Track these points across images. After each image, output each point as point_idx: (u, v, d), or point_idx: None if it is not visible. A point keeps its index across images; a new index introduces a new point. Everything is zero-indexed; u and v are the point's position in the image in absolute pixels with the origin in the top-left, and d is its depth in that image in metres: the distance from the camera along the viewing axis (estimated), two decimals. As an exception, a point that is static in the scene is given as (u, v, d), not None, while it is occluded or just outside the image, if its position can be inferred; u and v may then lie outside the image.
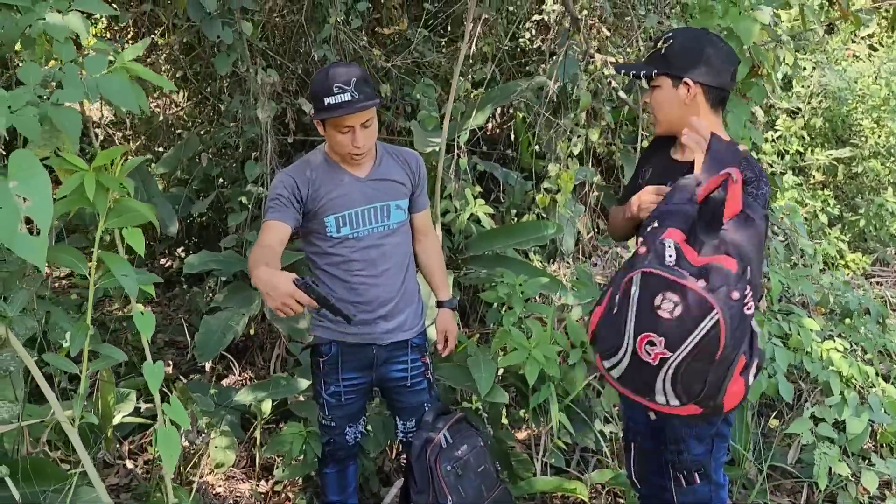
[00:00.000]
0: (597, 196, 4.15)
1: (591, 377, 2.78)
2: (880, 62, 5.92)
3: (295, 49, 4.63)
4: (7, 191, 0.86)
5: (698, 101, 1.89)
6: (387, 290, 2.25)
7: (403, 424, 2.41)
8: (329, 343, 2.28)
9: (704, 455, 1.93)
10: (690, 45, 1.89)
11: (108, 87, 1.09)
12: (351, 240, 2.19)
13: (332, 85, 2.02)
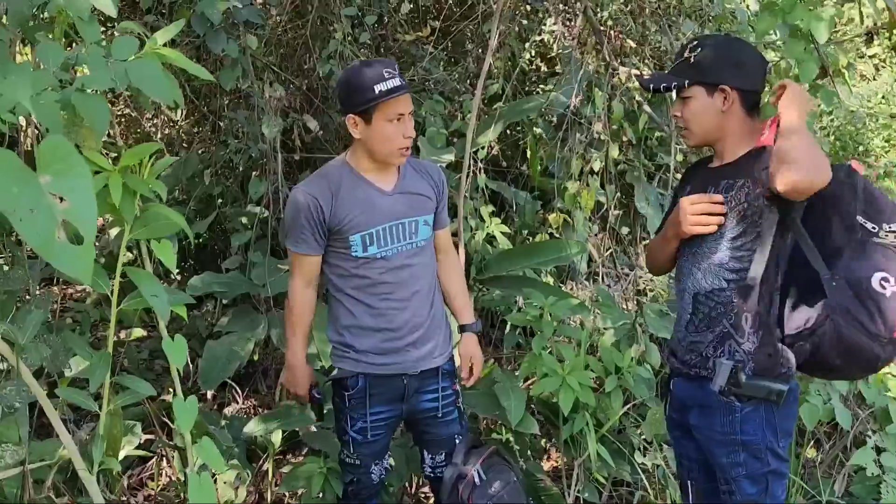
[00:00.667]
0: (616, 215, 4.01)
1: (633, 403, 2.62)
2: (891, 80, 5.87)
3: (299, 65, 4.52)
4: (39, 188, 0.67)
5: (735, 108, 1.79)
6: (417, 315, 2.09)
7: (432, 458, 2.23)
8: (356, 375, 2.09)
9: (758, 496, 1.81)
10: (722, 51, 1.80)
11: (139, 73, 0.92)
12: (380, 260, 2.03)
13: (381, 72, 1.92)
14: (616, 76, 3.21)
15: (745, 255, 1.75)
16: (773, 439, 1.78)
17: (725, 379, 1.74)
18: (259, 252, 3.52)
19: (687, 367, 1.87)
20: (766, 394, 1.72)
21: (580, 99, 3.41)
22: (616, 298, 3.89)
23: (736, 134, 1.82)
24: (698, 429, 1.87)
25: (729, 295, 1.78)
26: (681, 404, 1.93)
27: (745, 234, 1.75)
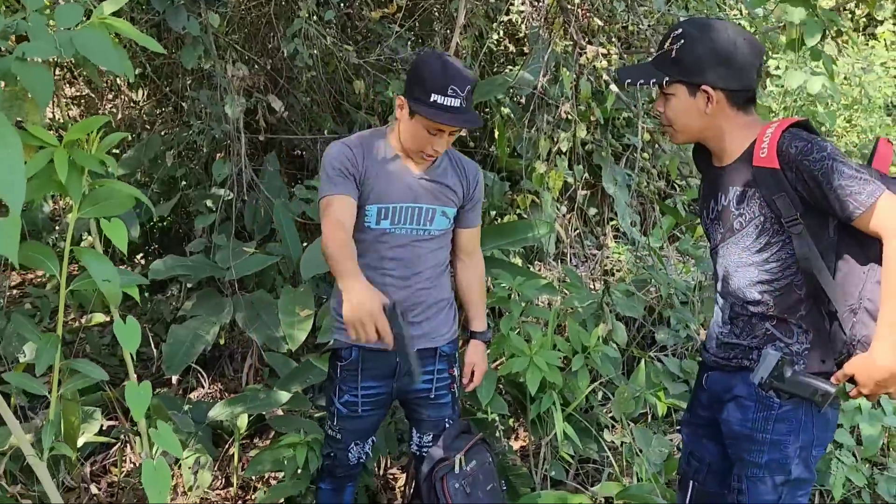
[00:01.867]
0: (584, 196, 4.02)
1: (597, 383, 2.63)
2: (852, 61, 5.95)
3: (263, 44, 4.43)
4: None
5: (722, 108, 1.66)
6: (415, 295, 2.07)
7: (420, 438, 2.23)
8: (350, 347, 2.10)
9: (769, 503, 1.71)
10: (707, 47, 1.63)
11: (86, 42, 0.87)
12: (388, 234, 2.02)
13: (448, 84, 1.82)
14: (584, 55, 3.19)
15: (778, 266, 1.64)
16: (807, 446, 1.68)
17: (769, 371, 1.58)
18: (223, 235, 3.46)
19: (726, 360, 1.78)
20: (812, 393, 1.57)
21: (547, 79, 3.39)
22: (583, 278, 3.91)
23: (728, 133, 1.69)
24: (727, 423, 1.77)
25: (767, 304, 1.68)
26: (713, 399, 1.84)
27: (769, 245, 1.64)
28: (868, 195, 1.48)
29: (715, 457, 1.86)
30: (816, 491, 2.72)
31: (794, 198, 1.56)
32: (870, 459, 2.77)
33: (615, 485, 2.52)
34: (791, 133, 1.59)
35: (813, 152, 1.53)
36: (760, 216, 1.62)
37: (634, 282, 3.56)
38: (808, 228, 1.58)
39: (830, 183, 1.50)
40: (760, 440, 1.69)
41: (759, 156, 1.60)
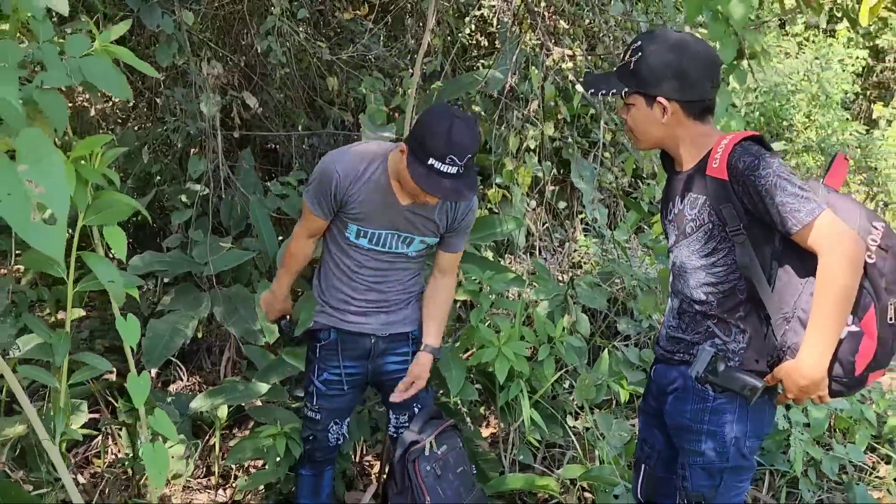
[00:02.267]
0: (552, 191, 4.14)
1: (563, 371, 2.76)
2: (811, 58, 6.14)
3: (236, 41, 4.48)
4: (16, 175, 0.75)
5: (678, 118, 1.73)
6: (387, 297, 2.22)
7: (396, 419, 2.35)
8: (328, 329, 2.23)
9: (708, 490, 1.81)
10: (662, 60, 1.70)
11: (92, 70, 0.97)
12: (364, 249, 2.14)
13: (447, 154, 1.86)
14: (550, 56, 3.31)
15: (721, 271, 1.73)
16: (741, 436, 1.77)
17: (704, 366, 1.71)
18: (200, 230, 3.52)
19: (671, 353, 1.87)
20: (741, 387, 1.69)
21: (517, 77, 3.50)
22: (552, 271, 4.05)
23: (685, 141, 1.77)
24: (669, 414, 1.87)
25: (711, 304, 1.77)
26: (659, 391, 1.93)
27: (716, 251, 1.73)
28: (807, 213, 1.56)
29: (663, 444, 1.96)
30: (767, 471, 2.90)
31: (739, 209, 1.65)
32: (817, 440, 2.95)
33: (579, 467, 2.67)
34: (742, 147, 1.66)
35: (759, 168, 1.60)
36: (709, 223, 1.71)
37: (600, 274, 3.70)
38: (754, 238, 1.66)
39: (773, 199, 1.58)
40: (698, 430, 1.79)
41: (711, 165, 1.68)
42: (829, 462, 2.84)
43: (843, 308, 1.57)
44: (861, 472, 2.97)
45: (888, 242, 1.63)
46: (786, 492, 2.81)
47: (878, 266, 1.61)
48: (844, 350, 1.61)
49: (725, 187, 1.65)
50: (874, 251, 1.62)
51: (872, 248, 1.62)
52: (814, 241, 1.57)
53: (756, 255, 1.67)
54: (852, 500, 2.78)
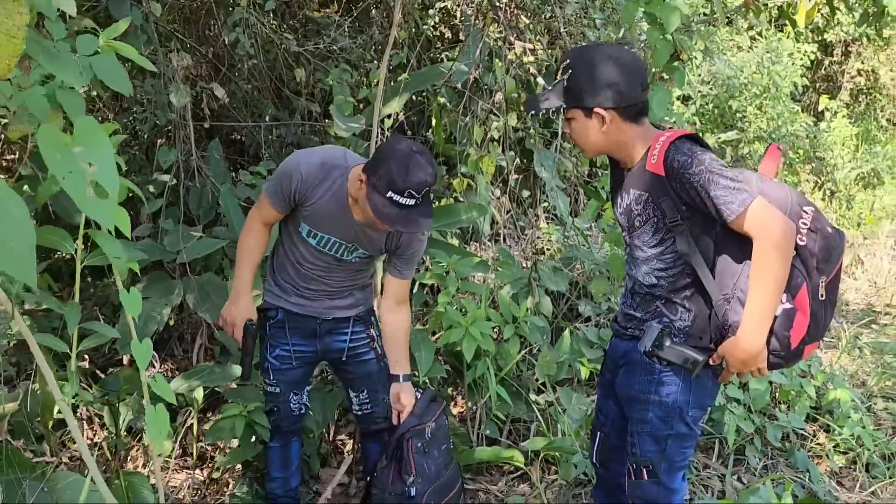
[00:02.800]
0: (516, 179, 4.28)
1: (526, 351, 2.91)
2: (762, 52, 6.38)
3: (204, 32, 4.52)
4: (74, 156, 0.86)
5: (616, 124, 1.83)
6: (330, 286, 2.30)
7: (356, 396, 2.44)
8: (276, 308, 2.33)
9: (655, 455, 1.93)
10: (591, 73, 1.79)
11: (101, 67, 1.06)
12: (313, 248, 2.22)
13: (406, 188, 1.91)
14: (512, 50, 3.44)
15: (669, 258, 1.84)
16: (685, 406, 1.87)
17: (651, 341, 1.81)
18: (171, 220, 3.58)
19: (624, 329, 1.99)
20: (683, 361, 1.81)
21: (480, 70, 3.62)
22: (516, 257, 4.19)
23: (626, 144, 1.86)
24: (620, 385, 1.98)
25: (661, 288, 1.88)
26: (613, 364, 2.05)
27: (663, 242, 1.84)
28: (739, 204, 1.68)
29: (617, 414, 2.10)
30: (717, 440, 3.09)
31: (677, 202, 1.76)
32: (762, 411, 3.15)
33: (542, 440, 2.82)
34: (676, 146, 1.77)
35: (692, 166, 1.72)
36: (654, 217, 1.82)
37: (562, 259, 3.86)
38: (697, 227, 1.77)
39: (708, 193, 1.71)
40: (645, 400, 1.91)
41: (650, 161, 1.80)
42: (773, 430, 3.04)
43: (776, 288, 1.70)
44: (803, 439, 3.19)
45: (817, 225, 1.77)
46: (733, 458, 3.01)
47: (809, 247, 1.76)
48: (780, 326, 1.74)
49: (662, 183, 1.78)
50: (805, 233, 1.76)
51: (803, 230, 1.76)
52: (748, 228, 1.70)
53: (698, 242, 1.80)
54: (794, 465, 2.99)
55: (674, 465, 1.95)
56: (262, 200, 2.21)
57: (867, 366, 3.95)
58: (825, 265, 1.77)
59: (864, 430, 3.07)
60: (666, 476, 1.94)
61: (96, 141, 0.88)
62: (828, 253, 1.77)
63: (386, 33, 5.05)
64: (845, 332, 4.40)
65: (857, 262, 5.82)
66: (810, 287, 1.75)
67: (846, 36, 8.43)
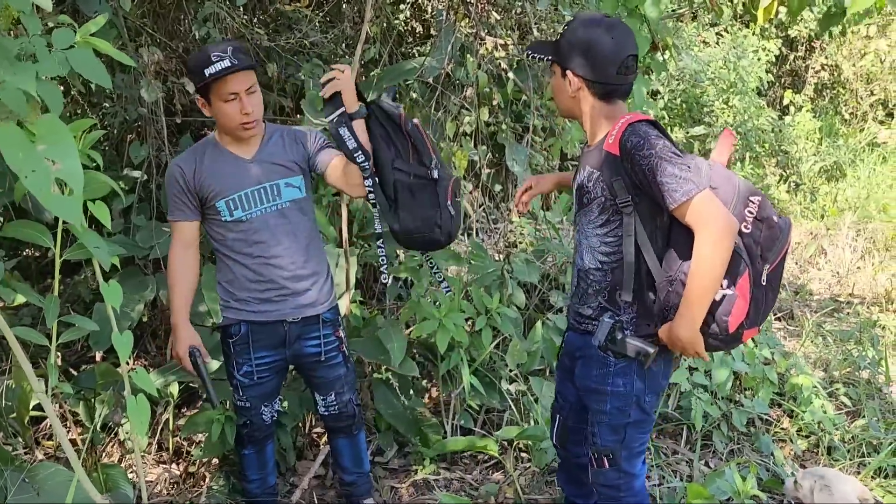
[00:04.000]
0: (488, 174, 4.33)
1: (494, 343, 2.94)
2: (728, 48, 6.50)
3: (174, 27, 4.49)
4: (37, 154, 0.88)
5: (584, 94, 1.89)
6: (287, 268, 2.25)
7: (323, 399, 2.45)
8: (238, 323, 2.28)
9: (614, 444, 1.99)
10: (579, 36, 1.86)
11: (78, 61, 1.08)
12: (244, 222, 2.20)
13: (209, 55, 2.06)
14: (483, 45, 3.48)
15: (613, 241, 1.89)
16: (641, 394, 1.94)
17: (604, 336, 1.89)
18: (142, 216, 3.58)
19: (578, 323, 2.05)
20: (635, 353, 1.87)
21: (452, 64, 3.66)
22: (489, 250, 4.24)
23: (590, 118, 1.92)
24: (578, 377, 2.05)
25: (603, 274, 1.93)
26: (570, 354, 2.12)
27: (608, 222, 1.88)
28: (683, 193, 1.72)
29: (574, 398, 2.16)
30: (685, 426, 3.17)
31: (628, 183, 1.82)
32: (728, 397, 3.25)
33: (515, 428, 2.87)
34: (632, 128, 1.82)
35: (644, 149, 1.77)
36: (602, 196, 1.87)
37: (534, 252, 3.92)
38: (646, 209, 1.84)
39: (655, 177, 1.76)
40: (603, 391, 1.97)
41: (608, 141, 1.85)
42: (738, 416, 3.13)
43: (711, 279, 1.75)
44: (768, 424, 3.28)
45: (763, 214, 1.82)
46: (701, 443, 3.09)
47: (754, 235, 1.81)
48: (720, 311, 1.79)
49: (616, 162, 1.83)
50: (751, 222, 1.81)
51: (749, 219, 1.81)
52: (689, 219, 1.75)
53: (646, 225, 1.85)
54: (759, 449, 3.08)
55: (633, 452, 2.02)
56: (173, 230, 2.25)
57: (829, 353, 4.07)
58: (769, 254, 1.83)
59: (826, 414, 3.17)
60: (626, 463, 2.01)
61: (60, 138, 0.90)
62: (772, 242, 1.83)
63: (357, 28, 5.06)
64: (808, 320, 4.52)
65: (821, 252, 5.97)
66: (752, 274, 1.81)
67: (809, 32, 8.61)
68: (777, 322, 4.62)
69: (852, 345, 4.17)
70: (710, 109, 6.50)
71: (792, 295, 5.18)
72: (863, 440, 3.14)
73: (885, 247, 5.82)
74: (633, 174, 1.81)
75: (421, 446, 2.89)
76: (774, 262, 1.84)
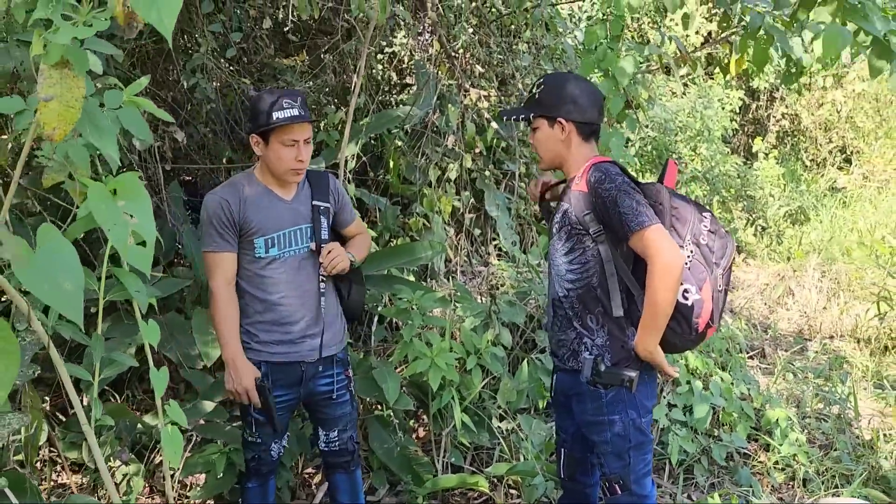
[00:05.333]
0: (471, 219, 4.47)
1: (491, 378, 3.04)
2: (695, 98, 6.81)
3: (163, 77, 4.62)
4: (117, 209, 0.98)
5: (572, 137, 2.12)
6: (309, 311, 2.37)
7: (326, 435, 2.52)
8: (258, 364, 2.35)
9: (622, 469, 2.13)
10: (560, 90, 2.13)
11: (127, 119, 1.19)
12: (277, 261, 2.31)
13: (281, 101, 2.17)
14: (467, 96, 3.66)
15: (579, 268, 2.08)
16: (636, 417, 2.09)
17: (590, 371, 2.06)
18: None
19: (563, 363, 2.19)
20: (620, 381, 2.04)
21: (437, 115, 3.82)
22: (472, 293, 4.35)
23: (574, 158, 2.13)
24: (576, 413, 2.20)
25: (572, 300, 2.11)
26: (564, 393, 2.26)
27: (573, 250, 2.09)
28: (636, 224, 1.93)
29: (575, 429, 2.30)
30: (666, 460, 3.28)
31: (599, 215, 2.02)
32: (707, 433, 3.37)
33: (505, 465, 2.95)
34: (597, 166, 2.06)
35: (605, 183, 1.99)
36: (569, 226, 2.08)
37: (517, 294, 4.04)
38: (610, 239, 2.03)
39: (615, 208, 1.97)
40: (601, 422, 2.12)
41: (575, 182, 2.09)
42: (718, 450, 3.25)
43: (663, 305, 1.94)
44: (746, 458, 3.40)
45: (714, 227, 2.07)
46: (683, 477, 3.20)
47: (709, 246, 2.04)
48: (691, 313, 2.01)
49: (585, 198, 2.05)
50: (706, 234, 2.05)
51: (704, 231, 2.05)
52: (643, 249, 1.96)
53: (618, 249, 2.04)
54: (738, 482, 3.20)
55: (639, 474, 2.15)
56: (211, 260, 2.28)
57: (800, 389, 4.22)
58: (721, 260, 2.06)
59: (801, 448, 3.31)
60: (636, 485, 2.14)
61: (137, 195, 1.01)
62: (723, 250, 2.06)
63: (340, 79, 5.25)
64: (780, 358, 4.69)
65: (788, 293, 6.18)
66: (711, 279, 2.03)
67: (769, 85, 9.03)
68: (750, 360, 4.78)
69: (822, 381, 4.33)
70: (678, 156, 6.77)
71: (762, 333, 5.36)
72: (836, 472, 3.27)
73: (849, 287, 6.06)
74: (597, 206, 2.01)
75: (413, 485, 2.95)
76: (725, 267, 2.07)
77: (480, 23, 3.66)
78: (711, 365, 3.48)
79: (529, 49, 3.80)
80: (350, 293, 2.52)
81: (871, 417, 3.97)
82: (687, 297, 1.99)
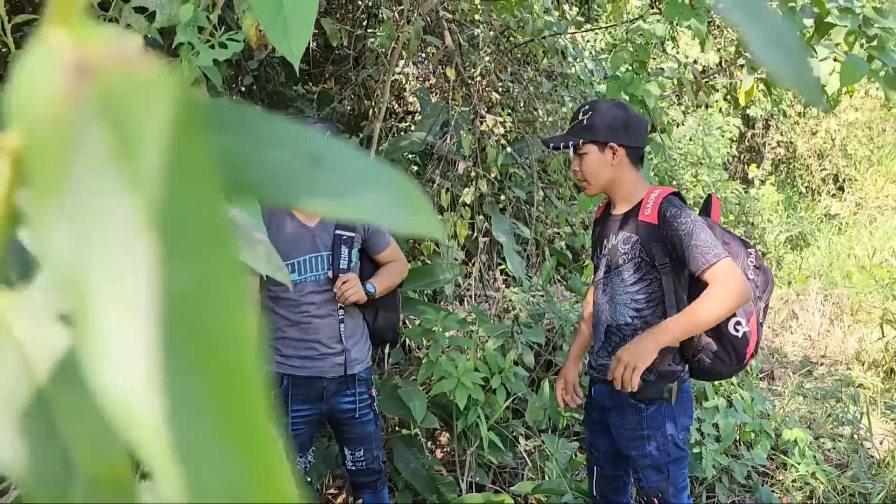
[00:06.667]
0: (485, 243, 4.53)
1: (512, 398, 3.07)
2: (695, 125, 6.94)
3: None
4: None
5: (623, 161, 2.13)
6: (333, 330, 2.40)
7: (351, 454, 2.55)
8: (280, 377, 2.39)
9: (661, 482, 2.15)
10: (609, 115, 2.14)
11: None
12: (298, 284, 2.34)
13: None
14: (484, 122, 3.74)
15: (643, 298, 2.10)
16: (675, 432, 2.12)
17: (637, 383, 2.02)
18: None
19: (603, 376, 2.19)
20: (660, 393, 2.09)
21: (453, 141, 3.90)
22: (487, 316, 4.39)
23: (627, 183, 2.15)
24: (614, 426, 2.22)
25: (636, 327, 2.12)
26: (601, 406, 2.27)
27: (641, 280, 2.10)
28: (713, 256, 1.96)
29: (608, 447, 2.32)
30: (688, 479, 3.30)
31: (667, 248, 2.04)
32: (727, 452, 3.40)
33: (529, 483, 2.97)
34: (668, 200, 2.08)
35: (681, 217, 2.02)
36: (638, 258, 2.09)
37: (532, 316, 4.08)
38: (676, 267, 2.08)
39: (690, 241, 2.00)
40: (641, 436, 2.15)
41: (644, 213, 2.09)
42: (738, 468, 3.28)
43: (706, 324, 1.98)
44: (765, 476, 3.44)
45: (759, 262, 2.15)
46: (705, 496, 3.22)
47: (754, 280, 2.10)
48: (741, 345, 2.07)
49: (654, 230, 2.07)
50: (752, 269, 2.10)
51: (751, 266, 2.10)
52: (710, 277, 1.98)
53: (679, 280, 2.09)
54: (759, 500, 3.22)
55: (678, 487, 2.18)
56: None
57: (811, 410, 4.27)
58: (763, 294, 2.12)
59: (818, 466, 3.34)
60: (675, 499, 2.17)
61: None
62: (766, 285, 2.12)
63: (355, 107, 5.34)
64: (790, 380, 4.74)
65: (792, 316, 6.26)
66: (756, 313, 2.09)
67: (764, 113, 9.20)
68: (761, 382, 4.83)
69: (833, 402, 4.38)
70: (679, 183, 6.87)
71: (769, 356, 5.41)
72: (854, 490, 3.30)
73: (851, 311, 6.14)
74: (668, 238, 2.04)
75: (438, 503, 2.96)
76: (766, 302, 2.12)
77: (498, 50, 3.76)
78: (735, 383, 3.53)
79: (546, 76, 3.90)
80: (376, 319, 2.54)
81: (883, 438, 4.02)
82: (738, 329, 2.05)
